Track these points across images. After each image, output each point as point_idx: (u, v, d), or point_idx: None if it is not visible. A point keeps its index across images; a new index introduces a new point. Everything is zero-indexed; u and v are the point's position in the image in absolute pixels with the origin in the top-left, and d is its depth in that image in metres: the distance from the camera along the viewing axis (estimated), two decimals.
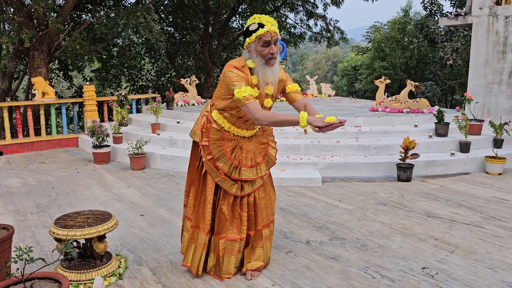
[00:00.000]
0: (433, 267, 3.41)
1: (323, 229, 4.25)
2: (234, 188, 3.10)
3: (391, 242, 3.91)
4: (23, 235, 4.15)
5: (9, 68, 13.53)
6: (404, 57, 21.02)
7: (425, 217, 4.57)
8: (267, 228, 3.30)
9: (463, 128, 6.90)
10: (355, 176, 6.29)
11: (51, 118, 9.51)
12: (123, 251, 3.76)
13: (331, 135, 7.11)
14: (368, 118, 7.72)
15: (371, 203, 5.06)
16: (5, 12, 10.51)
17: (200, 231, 3.15)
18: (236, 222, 3.14)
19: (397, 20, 21.57)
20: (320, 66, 47.63)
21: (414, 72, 20.79)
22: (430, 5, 17.47)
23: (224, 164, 3.06)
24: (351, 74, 25.24)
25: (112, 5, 14.50)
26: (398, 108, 8.59)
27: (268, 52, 2.87)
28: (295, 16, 18.49)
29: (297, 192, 5.55)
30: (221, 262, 3.17)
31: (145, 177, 6.48)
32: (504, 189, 5.64)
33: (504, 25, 7.79)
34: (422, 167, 6.34)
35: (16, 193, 5.73)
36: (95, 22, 11.60)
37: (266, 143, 3.28)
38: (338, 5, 17.12)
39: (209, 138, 3.08)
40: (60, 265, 3.24)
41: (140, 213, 4.81)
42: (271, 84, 3.02)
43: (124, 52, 16.40)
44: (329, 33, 18.36)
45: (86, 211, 3.56)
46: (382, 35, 22.20)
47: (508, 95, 7.80)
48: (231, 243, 3.14)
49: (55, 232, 3.16)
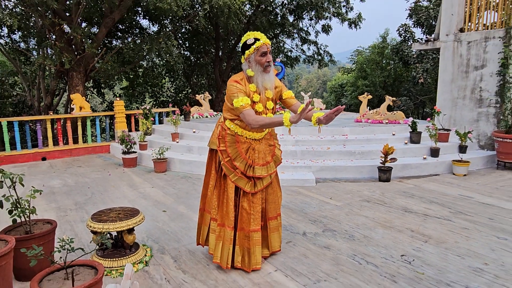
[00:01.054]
0: (410, 254, 3.39)
1: (317, 223, 4.24)
2: (248, 185, 3.08)
3: (374, 233, 3.89)
4: (63, 229, 4.15)
5: (51, 86, 13.58)
6: (383, 76, 21.00)
7: (403, 212, 4.55)
8: (275, 220, 3.27)
9: (433, 136, 6.88)
10: (343, 177, 6.27)
11: (87, 129, 9.51)
12: (148, 242, 3.76)
13: (323, 142, 7.11)
14: (353, 128, 7.71)
15: (357, 200, 5.05)
16: (49, 38, 10.58)
17: (226, 228, 3.07)
18: (256, 215, 3.09)
19: (377, 45, 21.58)
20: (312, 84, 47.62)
21: (391, 89, 20.76)
22: (404, 32, 17.48)
23: (240, 163, 3.06)
24: (338, 91, 25.23)
25: (138, 33, 14.55)
26: (378, 119, 8.57)
27: (265, 61, 2.95)
28: (292, 42, 18.55)
29: (295, 191, 5.54)
30: (251, 253, 3.07)
31: (166, 179, 6.47)
32: (469, 188, 5.61)
33: (467, 49, 7.78)
34: (399, 169, 6.32)
35: (57, 192, 5.73)
36: (124, 47, 11.67)
37: (273, 145, 3.28)
38: (327, 32, 17.15)
39: (226, 142, 3.09)
40: (95, 254, 3.23)
41: (163, 209, 4.81)
42: (269, 89, 3.07)
43: (148, 72, 16.44)
44: (320, 56, 18.39)
45: (118, 207, 3.56)
46: (364, 57, 22.21)
47: (471, 108, 7.78)
48: (256, 234, 3.07)
49: (91, 225, 3.16)
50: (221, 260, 3.10)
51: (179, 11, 9.92)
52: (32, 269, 2.79)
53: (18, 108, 14.90)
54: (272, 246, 3.30)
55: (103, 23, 10.59)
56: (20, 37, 12.93)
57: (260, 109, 3.03)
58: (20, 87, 15.81)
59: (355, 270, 3.11)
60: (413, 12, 16.51)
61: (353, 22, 16.34)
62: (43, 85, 13.59)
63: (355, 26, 16.38)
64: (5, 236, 2.78)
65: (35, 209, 3.05)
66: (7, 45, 12.83)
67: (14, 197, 2.95)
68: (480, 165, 6.96)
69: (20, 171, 7.19)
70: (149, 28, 14.93)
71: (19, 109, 14.88)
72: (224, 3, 10.54)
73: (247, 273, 3.08)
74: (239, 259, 3.11)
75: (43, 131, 10.79)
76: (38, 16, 9.82)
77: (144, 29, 14.72)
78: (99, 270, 2.42)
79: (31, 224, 3.08)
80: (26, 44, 13.41)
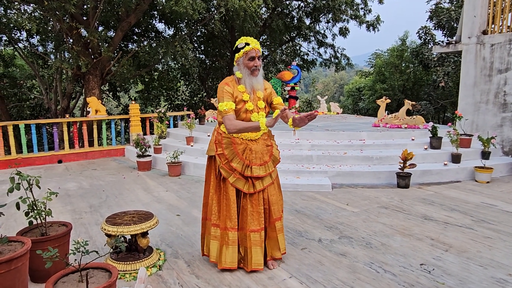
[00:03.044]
0: (430, 263, 3.33)
1: (333, 229, 4.20)
2: (247, 186, 3.13)
3: (392, 241, 3.84)
4: (78, 231, 4.22)
5: (68, 89, 13.89)
6: (402, 80, 20.78)
7: (422, 220, 4.47)
8: (279, 221, 3.28)
9: (454, 142, 6.75)
10: (360, 183, 6.21)
11: (102, 132, 9.68)
12: (162, 246, 3.79)
13: (339, 147, 7.06)
14: (371, 133, 7.64)
15: (375, 207, 4.99)
16: (66, 42, 10.83)
17: (228, 230, 3.12)
18: (256, 215, 3.14)
19: (396, 48, 21.39)
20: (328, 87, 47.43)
21: (410, 93, 20.53)
22: (425, 35, 17.28)
23: (238, 164, 3.12)
24: (356, 95, 25.06)
25: (153, 36, 14.77)
26: (397, 124, 8.47)
27: (253, 65, 3.08)
28: (308, 45, 18.61)
29: (310, 197, 5.51)
30: (249, 253, 3.13)
31: (180, 183, 6.53)
32: (492, 195, 5.48)
33: (490, 52, 7.63)
34: (418, 176, 6.23)
35: (73, 195, 5.84)
36: (139, 50, 11.86)
37: (271, 145, 3.32)
38: (345, 35, 17.09)
39: (222, 145, 3.17)
40: (109, 257, 3.27)
41: (177, 213, 4.84)
42: (259, 90, 3.19)
43: (163, 76, 16.65)
44: (337, 59, 18.33)
45: (132, 211, 3.60)
46: (383, 61, 22.03)
47: (494, 113, 7.61)
48: (255, 234, 3.12)
49: (106, 228, 3.20)
50: (226, 263, 3.15)
51: (195, 14, 10.04)
52: (47, 271, 2.85)
53: (36, 111, 15.30)
54: (282, 248, 3.30)
55: (120, 27, 10.79)
56: (38, 41, 13.29)
57: (251, 107, 3.12)
58: (37, 90, 16.23)
59: (372, 279, 3.07)
60: (434, 14, 16.31)
61: (371, 25, 16.25)
62: (60, 88, 13.92)
63: (373, 29, 16.29)
64: (21, 237, 2.85)
65: (51, 211, 3.12)
66: (25, 49, 13.21)
67: (31, 199, 3.02)
68: (504, 172, 6.80)
69: (36, 173, 7.35)
70: (164, 31, 15.15)
71: (36, 112, 15.27)
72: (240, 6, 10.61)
73: (261, 280, 3.07)
74: (240, 258, 3.20)
75: (59, 134, 11.03)
76: (56, 20, 10.07)
77: (159, 33, 14.95)
78: (113, 273, 2.45)
79: (47, 226, 3.14)
80: (44, 48, 13.78)
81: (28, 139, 11.98)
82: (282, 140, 7.53)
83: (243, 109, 3.11)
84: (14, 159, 8.05)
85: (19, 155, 8.31)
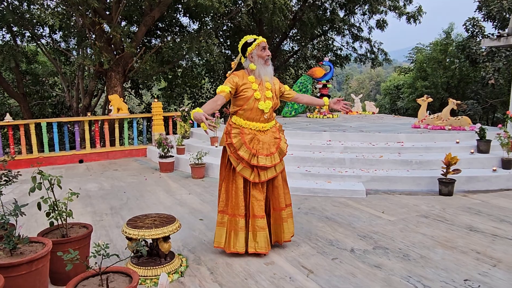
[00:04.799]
0: (475, 279, 3.23)
1: (366, 238, 4.15)
2: (253, 175, 3.59)
3: (433, 254, 3.75)
4: (99, 234, 4.35)
5: (90, 87, 14.35)
6: (446, 76, 20.24)
7: (467, 231, 4.34)
8: (284, 211, 3.78)
9: (505, 145, 6.52)
10: (398, 189, 6.10)
11: (124, 131, 9.94)
12: (184, 251, 3.85)
13: (375, 150, 6.96)
14: (410, 135, 7.49)
15: (413, 216, 4.89)
16: (89, 38, 11.19)
17: (237, 217, 3.59)
18: (261, 203, 3.62)
19: (439, 42, 20.84)
20: (364, 85, 46.79)
21: (455, 91, 19.96)
22: (472, 27, 16.78)
23: (244, 152, 3.57)
24: (394, 93, 24.60)
25: (178, 31, 15.02)
26: (440, 125, 8.26)
27: (266, 55, 3.65)
28: (342, 39, 18.35)
29: (342, 203, 5.46)
30: (256, 237, 3.61)
31: (204, 185, 6.61)
32: None
33: None
34: (463, 182, 6.05)
35: (93, 196, 6.03)
36: (163, 46, 12.09)
37: (279, 138, 3.78)
38: (382, 28, 16.81)
39: (231, 135, 3.62)
40: (130, 261, 3.36)
41: (200, 217, 4.91)
42: (269, 81, 3.70)
43: (187, 72, 16.89)
44: (373, 54, 18.05)
45: (153, 214, 3.68)
46: (424, 56, 21.53)
47: None
48: (260, 220, 3.60)
49: (127, 231, 3.29)
50: (234, 247, 3.62)
51: (221, 7, 10.15)
52: (67, 273, 2.95)
53: (57, 109, 15.87)
54: (284, 237, 3.80)
55: (143, 22, 11.05)
56: (61, 37, 13.80)
57: (258, 96, 3.62)
58: (59, 87, 16.85)
59: None
60: (483, 4, 15.80)
61: (412, 16, 15.90)
62: (82, 85, 14.39)
63: (415, 21, 15.92)
64: (42, 238, 2.97)
65: (72, 212, 3.24)
66: (48, 45, 13.73)
67: (52, 200, 3.14)
68: None
69: (58, 173, 7.63)
70: (189, 26, 15.39)
71: (58, 110, 15.85)
72: None
73: None
74: (253, 245, 3.62)
75: (80, 133, 11.40)
76: (79, 15, 10.43)
77: (184, 27, 15.19)
78: (134, 278, 2.52)
79: (67, 227, 3.26)
80: (67, 44, 14.29)
81: (50, 137, 12.44)
82: (312, 141, 7.50)
83: (252, 98, 3.61)
84: (36, 158, 8.39)
85: (40, 154, 8.66)
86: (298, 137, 7.69)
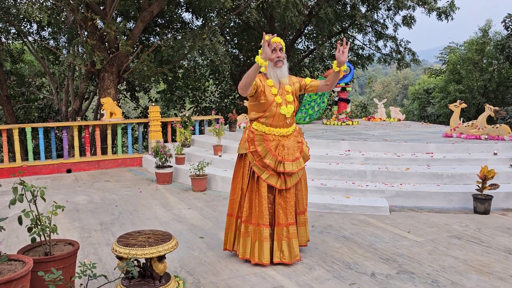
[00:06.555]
0: None
1: (390, 261, 4.11)
2: (279, 182, 3.87)
3: (466, 280, 3.69)
4: (86, 252, 4.37)
5: (80, 88, 14.52)
6: (483, 79, 20.12)
7: (506, 254, 4.28)
8: (302, 215, 4.13)
9: None
10: (426, 206, 6.05)
11: (117, 138, 10.02)
12: (181, 273, 3.85)
13: (400, 161, 6.93)
14: (441, 145, 7.44)
15: (444, 236, 4.84)
16: (80, 35, 11.35)
17: (261, 226, 3.83)
18: (290, 209, 3.92)
19: (475, 41, 20.77)
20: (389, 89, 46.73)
21: (493, 96, 19.82)
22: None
23: (270, 160, 3.85)
24: (423, 98, 24.51)
25: (179, 28, 15.16)
26: (475, 134, 8.21)
27: (275, 57, 3.86)
28: (363, 37, 18.35)
29: (362, 221, 5.42)
30: (291, 246, 3.89)
31: (205, 199, 6.62)
32: None
33: None
34: (502, 199, 5.98)
35: (82, 210, 6.06)
36: (162, 44, 12.20)
37: (301, 142, 4.08)
38: (410, 26, 16.78)
39: (255, 142, 3.89)
40: (120, 283, 3.35)
41: (200, 235, 4.91)
42: (286, 83, 3.95)
43: (189, 73, 17.00)
44: (399, 54, 17.99)
45: (147, 230, 3.69)
46: (458, 56, 21.46)
47: None
48: (292, 227, 3.90)
49: (117, 250, 3.30)
50: (259, 258, 3.86)
51: (227, 2, 10.24)
52: None
53: (44, 113, 16.05)
54: (300, 241, 4.12)
55: (140, 17, 11.19)
56: (50, 34, 14.02)
57: (279, 101, 3.87)
58: (47, 89, 17.07)
59: None
60: None
61: (443, 12, 15.85)
62: (71, 87, 14.58)
63: (446, 17, 15.87)
64: (22, 256, 2.99)
65: (56, 228, 3.25)
66: (35, 43, 13.95)
67: (35, 213, 3.17)
68: None
69: (43, 183, 7.69)
70: (192, 22, 15.53)
71: (45, 114, 16.02)
72: None
73: None
74: (278, 254, 3.90)
75: (69, 140, 11.51)
76: (70, 10, 10.58)
77: (186, 24, 15.33)
78: None
79: (51, 244, 3.28)
80: (56, 42, 14.51)
81: (35, 144, 12.58)
82: (329, 151, 7.49)
83: (273, 104, 3.85)
84: (18, 166, 8.49)
85: (24, 162, 8.76)
86: (313, 146, 7.67)
